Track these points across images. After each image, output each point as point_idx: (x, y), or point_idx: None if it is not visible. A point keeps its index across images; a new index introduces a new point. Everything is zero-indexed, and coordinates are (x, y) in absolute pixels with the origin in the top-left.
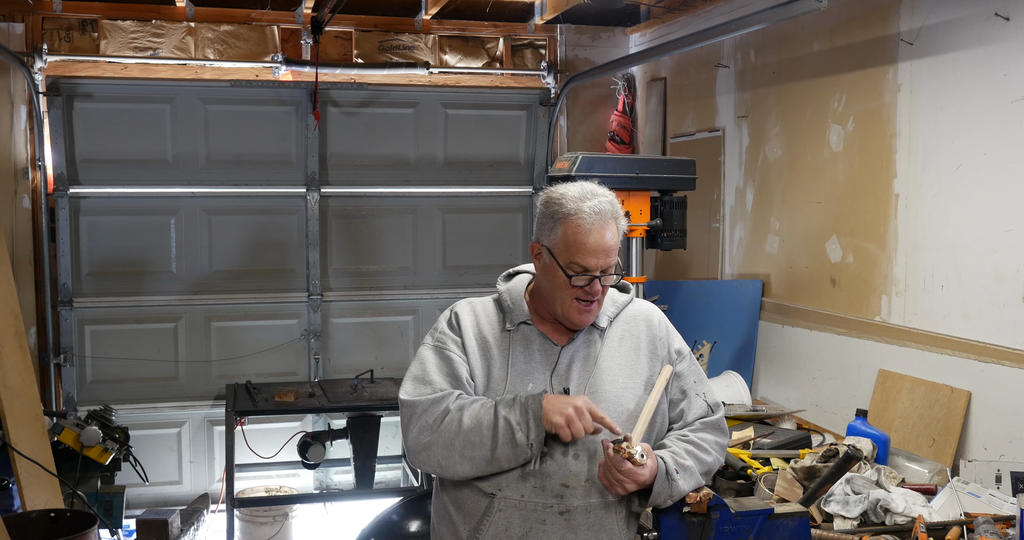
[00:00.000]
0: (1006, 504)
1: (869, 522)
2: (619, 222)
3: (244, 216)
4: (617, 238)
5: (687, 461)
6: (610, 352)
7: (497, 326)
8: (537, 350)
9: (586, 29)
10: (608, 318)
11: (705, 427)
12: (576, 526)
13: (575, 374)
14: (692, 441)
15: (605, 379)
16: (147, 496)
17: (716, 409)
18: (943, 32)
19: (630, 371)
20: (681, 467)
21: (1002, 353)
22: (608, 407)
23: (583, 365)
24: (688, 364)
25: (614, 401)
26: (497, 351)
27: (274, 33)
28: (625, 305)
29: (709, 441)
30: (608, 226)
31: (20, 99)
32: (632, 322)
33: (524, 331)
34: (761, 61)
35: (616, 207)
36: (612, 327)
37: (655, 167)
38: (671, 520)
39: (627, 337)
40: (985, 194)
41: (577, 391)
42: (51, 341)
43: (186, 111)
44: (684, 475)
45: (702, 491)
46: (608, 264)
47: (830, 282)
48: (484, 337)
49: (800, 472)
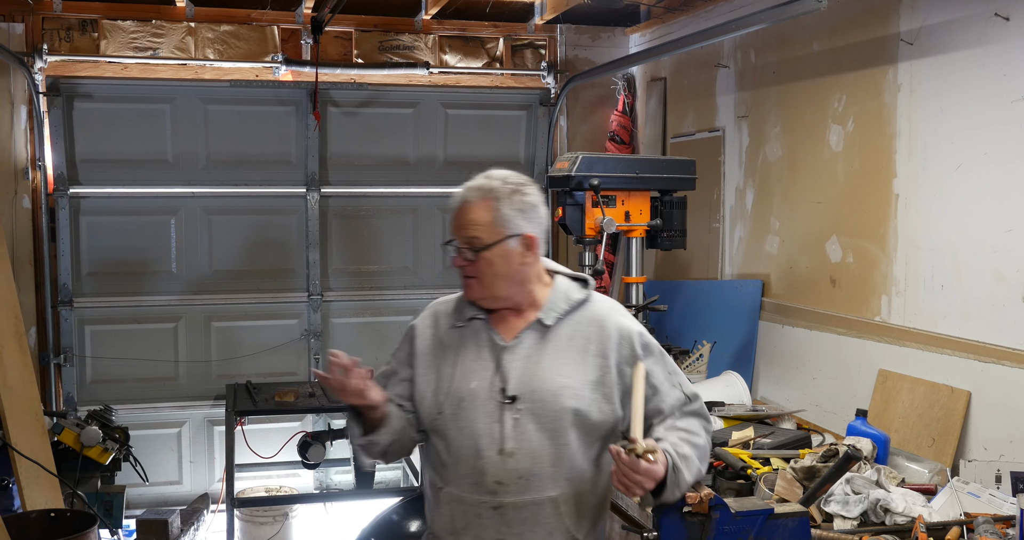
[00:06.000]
0: (1006, 504)
1: (869, 522)
2: (500, 203)
3: (244, 216)
4: (488, 216)
5: (684, 449)
6: (555, 350)
7: (453, 322)
8: (485, 346)
9: (586, 29)
10: (556, 315)
11: (687, 415)
12: (510, 521)
13: (516, 371)
14: (682, 428)
15: (545, 377)
16: (147, 496)
17: (694, 398)
18: (943, 32)
19: (573, 371)
20: (681, 457)
21: (1002, 353)
22: (545, 405)
23: (525, 363)
24: (656, 360)
25: (551, 399)
26: (449, 349)
27: (274, 33)
28: (579, 303)
29: (696, 426)
30: (477, 202)
31: (20, 99)
32: (586, 322)
33: (475, 326)
34: (761, 61)
35: (502, 188)
36: (562, 325)
37: (655, 167)
38: (671, 520)
39: (577, 337)
40: (985, 194)
41: (516, 389)
42: (51, 341)
43: (186, 111)
44: (686, 464)
45: (703, 491)
46: (467, 237)
47: (830, 282)
48: (439, 338)
49: (800, 472)
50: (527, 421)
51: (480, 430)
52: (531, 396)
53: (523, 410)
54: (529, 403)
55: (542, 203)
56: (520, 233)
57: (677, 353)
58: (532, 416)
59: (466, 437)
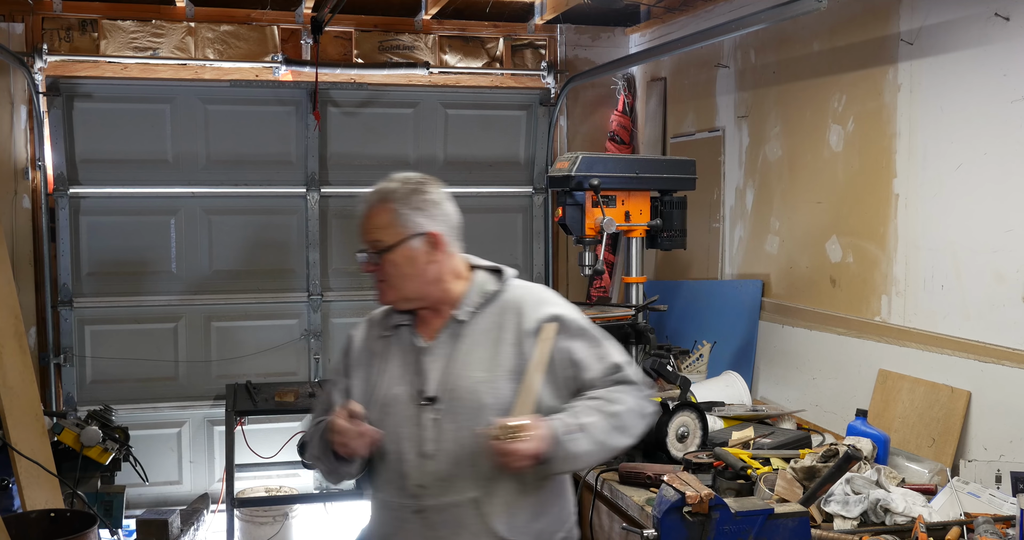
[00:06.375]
0: (1006, 504)
1: (869, 522)
2: (398, 204)
3: (244, 216)
4: (388, 218)
5: (587, 418)
6: (470, 346)
7: (381, 331)
8: (408, 350)
9: (586, 29)
10: (470, 310)
11: (612, 382)
12: (433, 524)
13: (435, 372)
14: (599, 397)
15: (461, 375)
16: (147, 496)
17: (619, 368)
18: (943, 32)
19: (488, 364)
20: (580, 427)
21: (1002, 353)
22: (464, 404)
23: (442, 363)
24: (576, 337)
25: (469, 397)
26: (376, 356)
27: (274, 33)
28: (494, 294)
29: (621, 390)
30: (376, 206)
31: (20, 99)
32: (501, 312)
33: (402, 333)
34: (761, 61)
35: (401, 189)
36: (478, 319)
37: (655, 167)
38: (671, 520)
39: (493, 328)
40: (985, 194)
41: (435, 389)
42: (51, 341)
43: (186, 111)
44: (583, 434)
45: (703, 491)
46: (371, 241)
47: (830, 282)
48: (369, 346)
49: (800, 472)
50: (447, 422)
51: (402, 434)
52: (449, 396)
53: (442, 410)
54: (447, 402)
55: (446, 200)
56: (423, 232)
57: (677, 353)
58: (451, 416)
59: (390, 442)
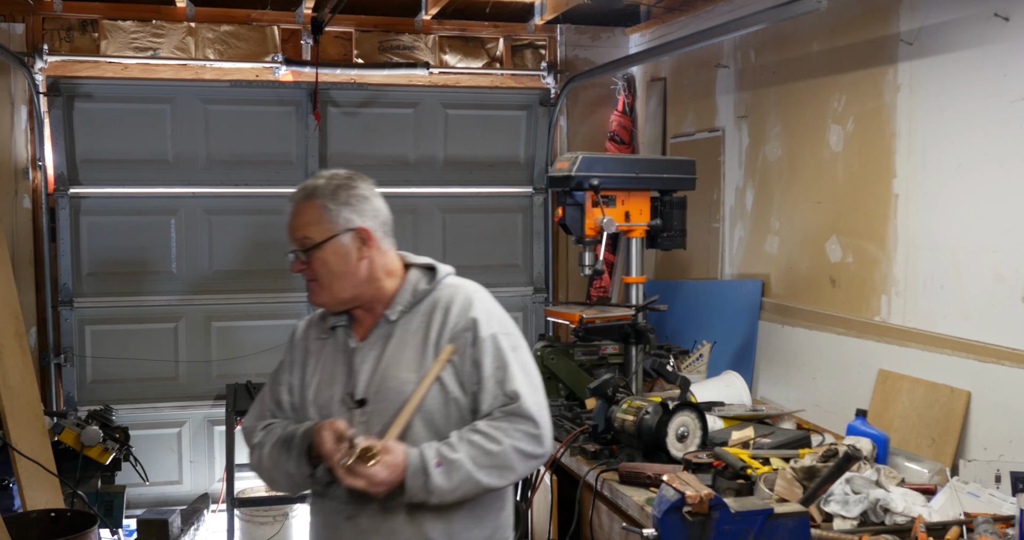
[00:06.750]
0: (1006, 504)
1: (869, 522)
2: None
3: (244, 216)
4: (315, 214)
5: (456, 454)
6: (399, 346)
7: (318, 333)
8: (341, 351)
9: (586, 29)
10: (400, 309)
11: (504, 416)
12: (364, 530)
13: (365, 374)
14: (478, 430)
15: (388, 375)
16: (147, 496)
17: (515, 398)
18: (943, 32)
19: (416, 364)
20: (446, 460)
21: (1002, 353)
22: (392, 406)
23: (372, 364)
24: (492, 350)
25: (396, 399)
26: (312, 357)
27: (274, 33)
28: (426, 294)
29: (504, 429)
30: (303, 203)
31: (20, 99)
32: (432, 310)
33: (339, 334)
34: (761, 61)
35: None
36: (409, 318)
37: (655, 167)
38: (671, 520)
39: (421, 328)
40: (985, 194)
41: (364, 391)
42: (51, 341)
43: (186, 111)
44: (448, 468)
45: (703, 491)
46: (299, 239)
47: (830, 282)
48: (307, 348)
49: (800, 472)
50: (375, 424)
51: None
52: (376, 397)
53: (370, 412)
54: (375, 404)
55: (375, 195)
56: (352, 228)
57: (677, 353)
58: (379, 418)
59: None
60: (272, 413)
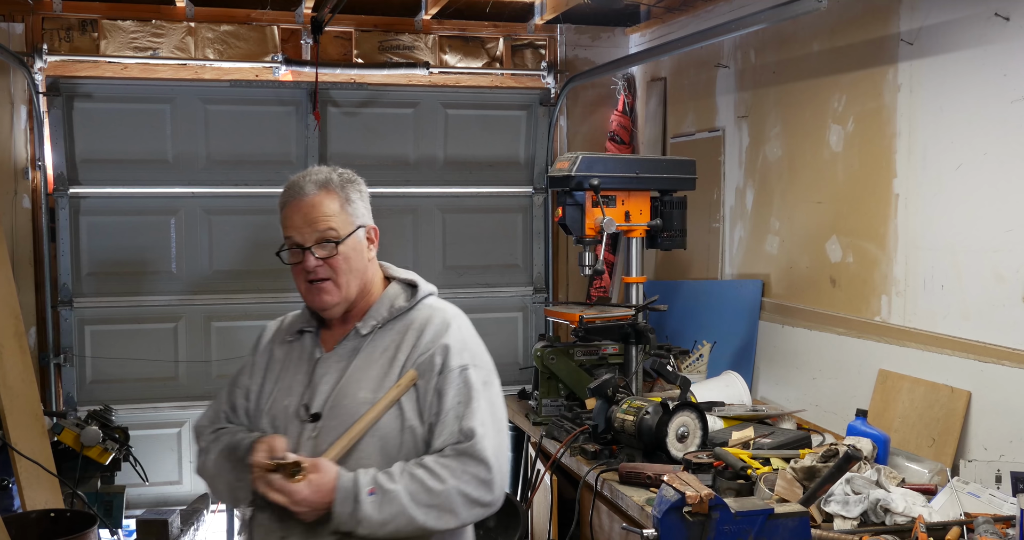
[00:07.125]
0: (1006, 504)
1: (869, 522)
2: (344, 191)
3: (244, 216)
4: (338, 205)
5: (393, 485)
6: (364, 363)
7: (285, 337)
8: (305, 359)
9: (586, 29)
10: (373, 324)
11: (456, 454)
12: None
13: (325, 386)
14: (423, 465)
15: (347, 393)
16: (147, 496)
17: (470, 437)
18: (943, 32)
19: (376, 385)
20: (381, 489)
21: (1002, 353)
22: (342, 423)
23: (334, 378)
24: (458, 382)
25: (348, 418)
26: (276, 363)
27: (274, 33)
28: (403, 311)
29: (452, 469)
30: (320, 195)
31: (20, 99)
32: (403, 332)
33: (305, 340)
34: (761, 61)
35: (338, 178)
36: (381, 334)
37: (655, 167)
38: (671, 520)
39: (391, 348)
40: (985, 194)
41: (320, 405)
42: (51, 341)
43: (186, 111)
44: (381, 499)
45: (703, 491)
46: (323, 231)
47: (830, 282)
48: (271, 351)
49: (800, 472)
50: (324, 441)
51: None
52: (330, 413)
53: (322, 428)
54: (328, 420)
55: None
56: (366, 224)
57: (677, 353)
58: (330, 435)
59: None
60: (226, 416)
